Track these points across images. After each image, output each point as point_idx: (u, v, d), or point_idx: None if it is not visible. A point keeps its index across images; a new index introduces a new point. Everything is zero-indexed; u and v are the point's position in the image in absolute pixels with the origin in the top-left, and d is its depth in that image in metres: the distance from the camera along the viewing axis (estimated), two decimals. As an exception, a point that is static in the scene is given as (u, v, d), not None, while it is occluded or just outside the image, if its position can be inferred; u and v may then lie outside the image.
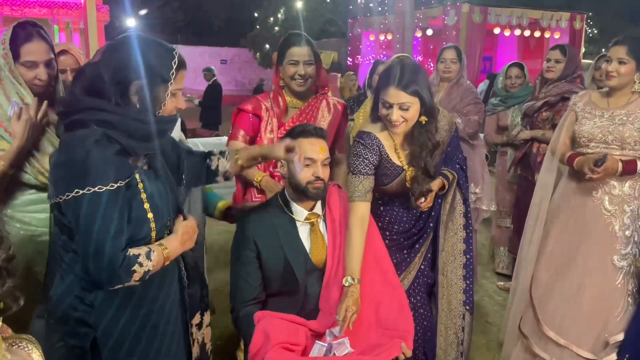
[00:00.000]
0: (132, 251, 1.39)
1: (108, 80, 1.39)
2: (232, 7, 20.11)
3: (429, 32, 12.17)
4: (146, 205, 1.46)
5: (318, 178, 1.95)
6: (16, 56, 1.91)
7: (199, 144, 5.03)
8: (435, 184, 2.14)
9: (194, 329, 1.69)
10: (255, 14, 18.96)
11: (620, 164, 2.33)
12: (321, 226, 2.04)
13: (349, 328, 1.79)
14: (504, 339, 2.86)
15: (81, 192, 1.33)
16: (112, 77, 1.40)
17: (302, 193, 1.97)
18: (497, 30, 11.88)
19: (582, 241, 2.47)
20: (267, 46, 18.29)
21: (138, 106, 1.43)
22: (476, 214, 3.64)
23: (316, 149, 1.95)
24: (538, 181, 2.79)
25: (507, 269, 4.07)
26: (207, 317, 1.76)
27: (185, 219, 1.63)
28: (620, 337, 2.36)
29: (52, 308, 1.49)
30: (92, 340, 1.45)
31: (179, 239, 1.54)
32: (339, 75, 6.36)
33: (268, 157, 1.96)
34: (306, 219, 2.02)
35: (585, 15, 12.28)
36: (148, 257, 1.41)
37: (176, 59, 1.47)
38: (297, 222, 2.01)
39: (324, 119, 2.43)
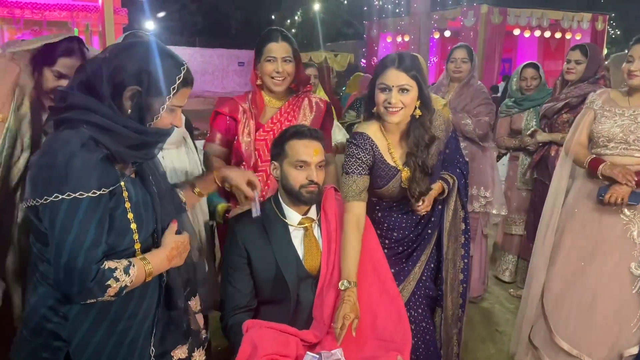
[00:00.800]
0: (109, 264, 1.30)
1: (105, 79, 1.33)
2: (250, 10, 20.15)
3: (447, 33, 12.05)
4: (130, 215, 1.38)
5: (312, 182, 1.87)
6: (52, 62, 1.91)
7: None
8: (435, 188, 2.06)
9: None
10: (273, 17, 19.00)
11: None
12: (316, 231, 1.96)
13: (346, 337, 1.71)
14: (515, 349, 2.76)
15: (60, 197, 1.25)
16: (110, 77, 1.34)
17: (295, 197, 1.90)
18: (516, 32, 11.72)
19: (598, 247, 2.37)
20: (284, 48, 18.27)
21: (129, 112, 1.37)
22: (486, 218, 3.53)
23: (310, 151, 1.87)
24: (551, 185, 2.68)
25: (511, 277, 3.95)
26: (199, 356, 1.63)
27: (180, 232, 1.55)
28: (635, 350, 2.25)
29: (26, 319, 1.43)
30: (66, 354, 1.38)
31: (166, 254, 1.45)
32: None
33: (228, 182, 1.84)
34: (300, 223, 1.94)
35: (608, 16, 12.02)
36: (126, 271, 1.32)
37: (182, 74, 1.40)
38: (290, 227, 1.93)
39: (305, 119, 2.31)
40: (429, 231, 2.15)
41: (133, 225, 1.39)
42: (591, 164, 2.38)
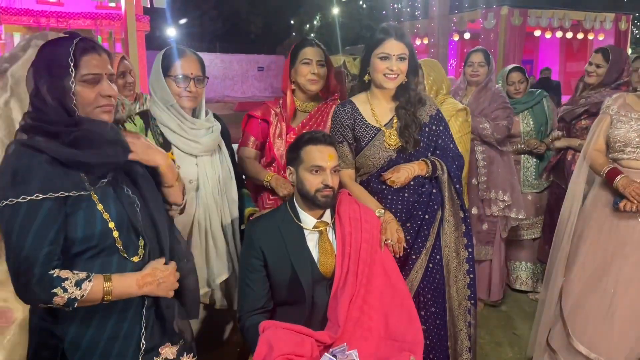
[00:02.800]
0: (62, 273, 1.31)
1: (30, 89, 1.40)
2: (269, 15, 20.37)
3: (467, 35, 11.97)
4: (99, 206, 1.40)
5: (327, 186, 1.91)
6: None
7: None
8: (415, 165, 2.18)
9: None
10: (292, 22, 19.17)
11: None
12: (330, 235, 2.00)
13: (355, 340, 1.76)
14: (533, 352, 2.76)
15: (4, 202, 1.30)
16: (29, 83, 1.41)
17: (310, 201, 1.94)
18: (537, 33, 11.58)
19: (616, 251, 2.37)
20: (304, 52, 18.36)
21: (53, 104, 1.37)
22: (504, 222, 3.52)
23: (325, 156, 1.91)
24: (568, 189, 2.68)
25: (525, 285, 3.90)
26: None
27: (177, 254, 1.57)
28: (654, 354, 2.23)
29: (30, 317, 1.49)
30: (62, 352, 1.42)
31: (137, 278, 1.42)
32: None
33: None
34: (315, 227, 1.98)
35: (632, 16, 11.82)
36: (78, 284, 1.31)
37: (74, 44, 1.38)
38: (305, 231, 1.97)
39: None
40: (427, 216, 2.20)
41: (106, 215, 1.40)
42: (608, 175, 2.38)
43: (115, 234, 1.42)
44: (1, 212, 1.31)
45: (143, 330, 1.49)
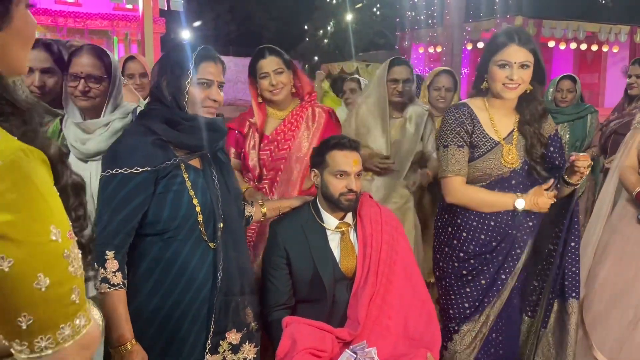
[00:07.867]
0: (111, 261, 1.49)
1: (153, 82, 1.67)
2: (283, 20, 20.49)
3: (480, 45, 12.01)
4: (191, 192, 1.59)
5: (351, 190, 1.96)
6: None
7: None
8: (549, 191, 1.96)
9: (226, 345, 1.68)
10: (305, 27, 19.26)
11: None
12: (352, 235, 2.06)
13: (374, 338, 1.82)
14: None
15: (110, 172, 1.51)
16: (153, 76, 1.67)
17: (334, 204, 2.00)
18: (551, 44, 11.60)
19: (639, 270, 2.37)
20: (316, 58, 18.51)
21: (169, 98, 1.60)
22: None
23: (350, 161, 1.97)
24: (597, 200, 2.67)
25: None
26: (249, 349, 1.73)
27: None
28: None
29: None
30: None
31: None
32: None
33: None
34: (337, 228, 2.04)
35: (646, 29, 11.79)
36: (105, 280, 1.49)
37: (197, 51, 1.60)
38: (327, 231, 2.03)
39: (307, 129, 2.41)
40: (521, 243, 2.07)
41: (195, 201, 1.58)
42: (638, 196, 2.40)
43: (200, 217, 1.60)
44: (103, 181, 1.53)
45: (214, 313, 1.63)
